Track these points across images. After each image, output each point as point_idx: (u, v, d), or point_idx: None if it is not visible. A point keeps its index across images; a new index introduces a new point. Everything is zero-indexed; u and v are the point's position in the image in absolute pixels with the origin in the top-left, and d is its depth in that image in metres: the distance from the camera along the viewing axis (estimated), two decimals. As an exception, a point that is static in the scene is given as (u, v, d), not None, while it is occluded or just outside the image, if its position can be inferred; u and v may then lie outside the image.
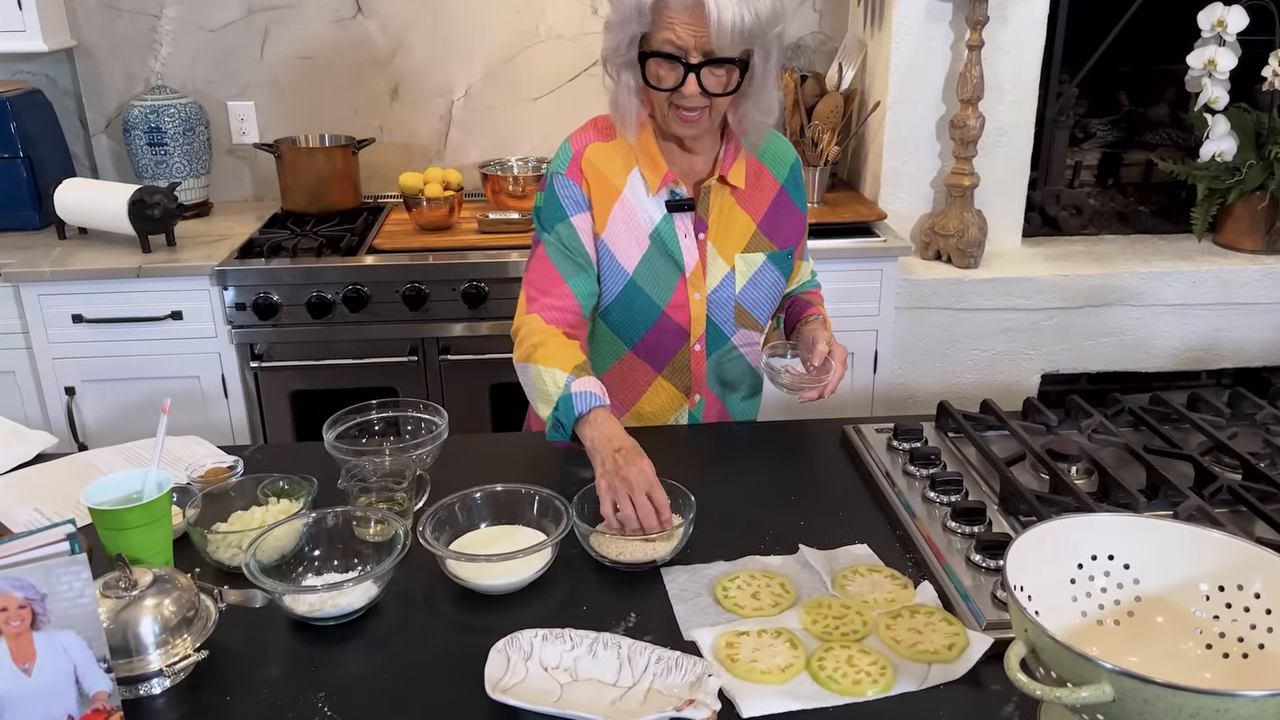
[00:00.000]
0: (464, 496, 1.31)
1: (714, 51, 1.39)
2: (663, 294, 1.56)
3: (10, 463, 1.52)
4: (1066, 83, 2.85)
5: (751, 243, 1.59)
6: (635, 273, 1.55)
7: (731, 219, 1.58)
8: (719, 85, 1.43)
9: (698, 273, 1.57)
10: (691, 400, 1.65)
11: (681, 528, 1.25)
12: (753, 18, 1.37)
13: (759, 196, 1.60)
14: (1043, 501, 1.28)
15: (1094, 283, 2.64)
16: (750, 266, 1.59)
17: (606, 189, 1.55)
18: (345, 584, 1.14)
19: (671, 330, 1.59)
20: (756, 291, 1.61)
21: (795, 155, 1.66)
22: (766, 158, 1.61)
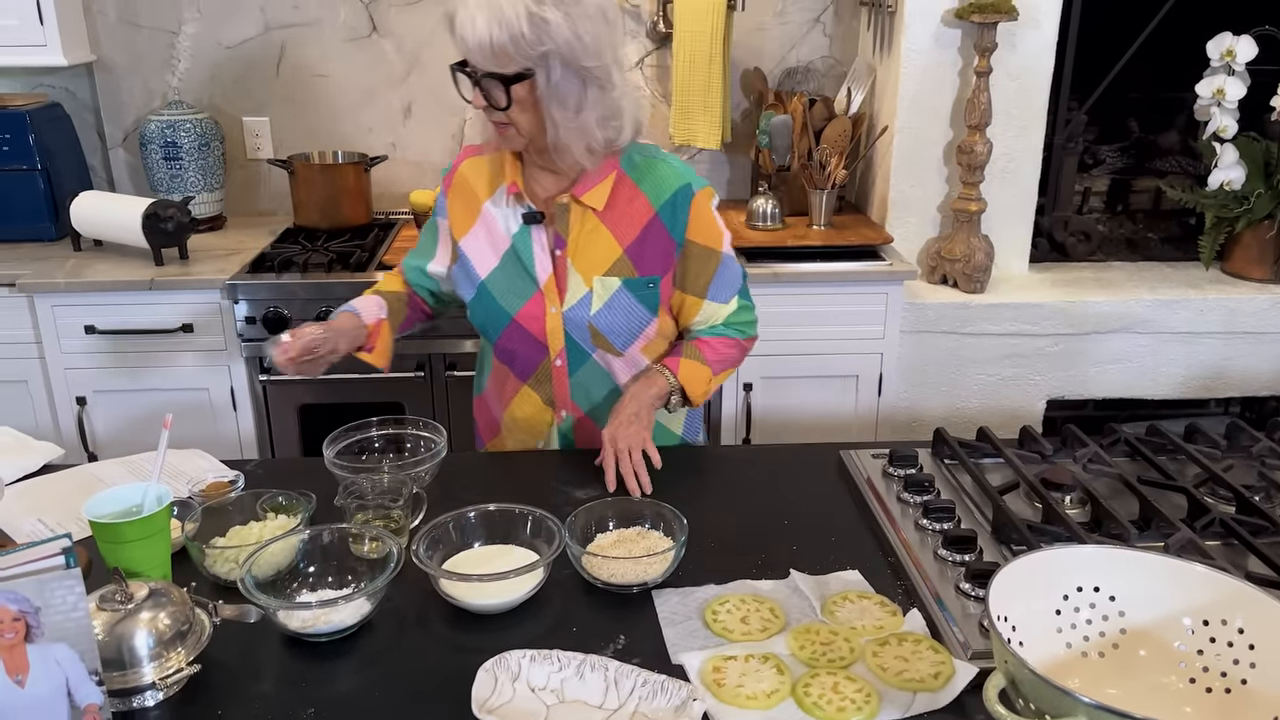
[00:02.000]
0: (458, 516, 1.32)
1: (479, 67, 1.42)
2: (514, 302, 1.60)
3: (16, 473, 1.54)
4: (1075, 109, 2.85)
5: (614, 267, 1.57)
6: (487, 278, 1.62)
7: (595, 240, 1.57)
8: (497, 100, 1.44)
9: (552, 287, 1.58)
10: (558, 415, 1.66)
11: (673, 550, 1.26)
12: (503, 36, 1.36)
13: (628, 221, 1.57)
14: (1034, 531, 1.28)
15: (1101, 309, 2.64)
16: (607, 290, 1.57)
17: (471, 200, 1.64)
18: (338, 601, 1.16)
19: (527, 340, 1.61)
20: (612, 316, 1.58)
21: (685, 183, 1.57)
22: (644, 182, 1.57)
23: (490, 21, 1.36)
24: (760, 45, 2.96)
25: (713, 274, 1.61)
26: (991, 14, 2.46)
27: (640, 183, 1.57)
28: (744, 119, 3.01)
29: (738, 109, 3.00)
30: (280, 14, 2.87)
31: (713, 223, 1.60)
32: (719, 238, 1.61)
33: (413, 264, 1.73)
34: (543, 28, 1.37)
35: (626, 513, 1.36)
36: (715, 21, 2.71)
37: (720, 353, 1.64)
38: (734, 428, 2.63)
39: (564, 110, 1.45)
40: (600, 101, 1.47)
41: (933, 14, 2.58)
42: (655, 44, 2.95)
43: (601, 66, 1.45)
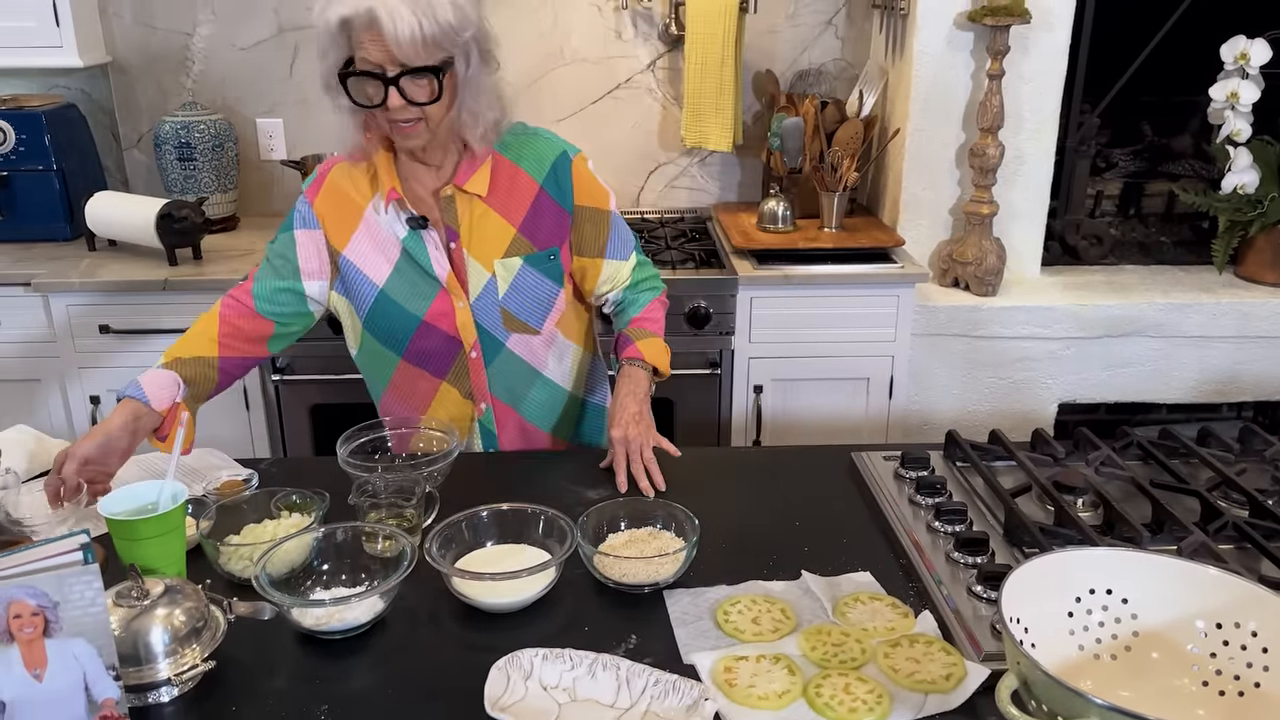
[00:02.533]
0: (471, 515, 1.33)
1: (406, 63, 1.40)
2: (419, 304, 1.59)
3: (33, 470, 1.55)
4: (1088, 112, 2.85)
5: (511, 247, 1.58)
6: (386, 285, 1.59)
7: (486, 225, 1.58)
8: (423, 94, 1.43)
9: (454, 282, 1.58)
10: (479, 409, 1.67)
11: (684, 551, 1.27)
12: (432, 25, 1.37)
13: (515, 200, 1.58)
14: (1046, 534, 1.28)
15: (1113, 313, 2.63)
16: (509, 272, 1.59)
17: (347, 208, 1.59)
18: (351, 599, 1.16)
19: (439, 337, 1.61)
20: (520, 296, 1.60)
21: (560, 152, 1.61)
22: (524, 160, 1.59)
23: (417, 14, 1.36)
24: (772, 48, 2.96)
25: (607, 234, 1.65)
26: (1004, 17, 2.46)
27: (519, 161, 1.59)
28: (755, 121, 3.01)
29: (749, 111, 3.00)
30: (294, 16, 2.88)
31: (595, 184, 1.64)
32: (605, 197, 1.65)
33: (271, 286, 1.58)
34: (462, 13, 1.41)
35: (638, 513, 1.36)
36: (727, 24, 2.72)
37: (655, 318, 1.69)
38: (744, 430, 2.63)
39: (475, 96, 1.48)
40: (494, 85, 1.52)
41: (945, 16, 2.58)
42: (667, 46, 2.96)
43: (494, 49, 1.50)
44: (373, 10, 1.37)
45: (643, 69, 2.98)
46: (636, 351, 1.63)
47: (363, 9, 1.38)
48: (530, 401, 1.70)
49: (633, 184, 3.08)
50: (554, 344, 1.68)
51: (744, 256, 2.62)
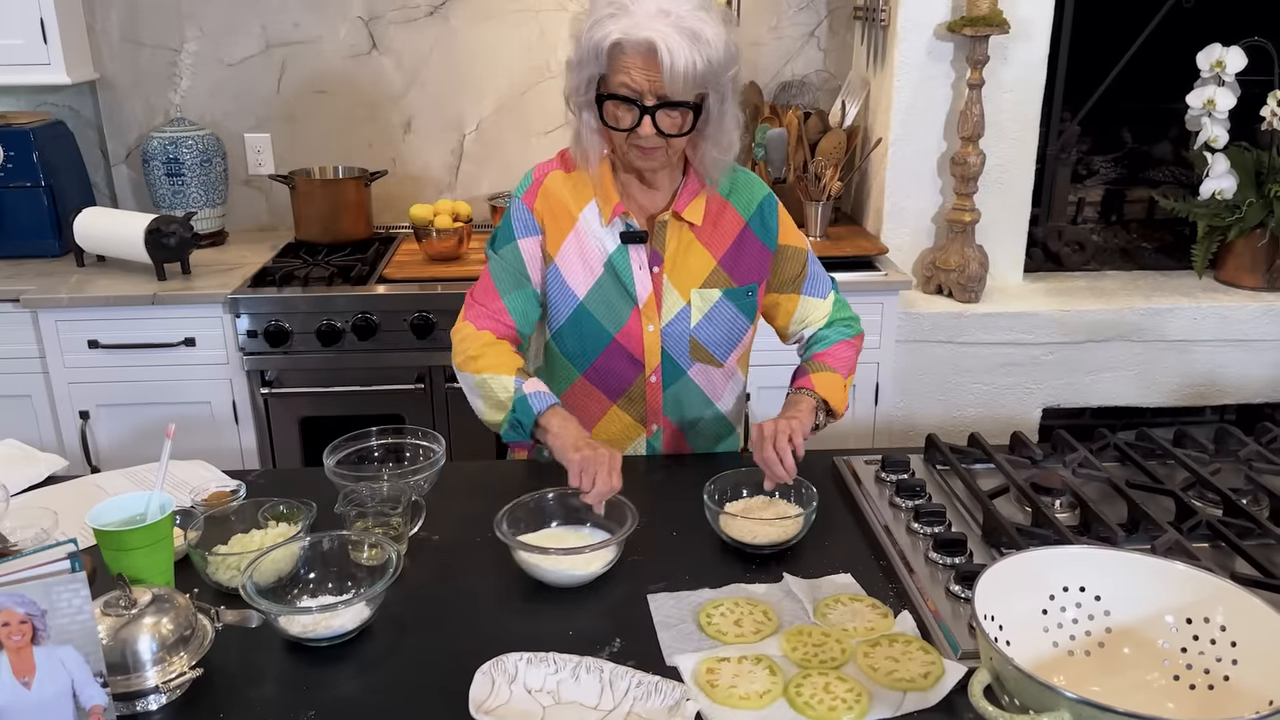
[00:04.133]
0: (538, 497, 1.39)
1: (668, 95, 1.41)
2: (614, 321, 1.60)
3: (21, 484, 1.56)
4: (1068, 120, 2.88)
5: (710, 279, 1.60)
6: (586, 299, 1.59)
7: (690, 254, 1.60)
8: (674, 127, 1.45)
9: (651, 304, 1.59)
10: (649, 429, 1.68)
11: (802, 516, 1.34)
12: (704, 63, 1.39)
13: (721, 234, 1.61)
14: (1023, 534, 1.30)
15: (1095, 318, 2.66)
16: (706, 302, 1.60)
17: (562, 216, 1.59)
18: (338, 606, 1.18)
19: (624, 358, 1.61)
20: (712, 328, 1.62)
21: (767, 192, 1.65)
22: (734, 195, 1.62)
23: (694, 52, 1.38)
24: (756, 59, 2.99)
25: (803, 272, 1.67)
26: (983, 27, 2.49)
27: (728, 195, 1.62)
28: (740, 132, 3.04)
29: (734, 122, 3.03)
30: (281, 32, 2.90)
31: (793, 224, 1.68)
32: (803, 238, 1.69)
33: (524, 302, 1.60)
34: (731, 53, 1.44)
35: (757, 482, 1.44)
36: (710, 36, 2.74)
37: (841, 356, 1.65)
38: (732, 438, 2.64)
39: (721, 129, 1.50)
40: (735, 122, 1.52)
41: (925, 27, 2.61)
42: (652, 59, 2.98)
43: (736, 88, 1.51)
44: (652, 42, 1.38)
45: (628, 81, 3.00)
46: (809, 382, 1.60)
47: (641, 38, 1.39)
48: (699, 432, 1.71)
49: (619, 195, 3.10)
50: (732, 378, 1.71)
51: (729, 266, 2.64)
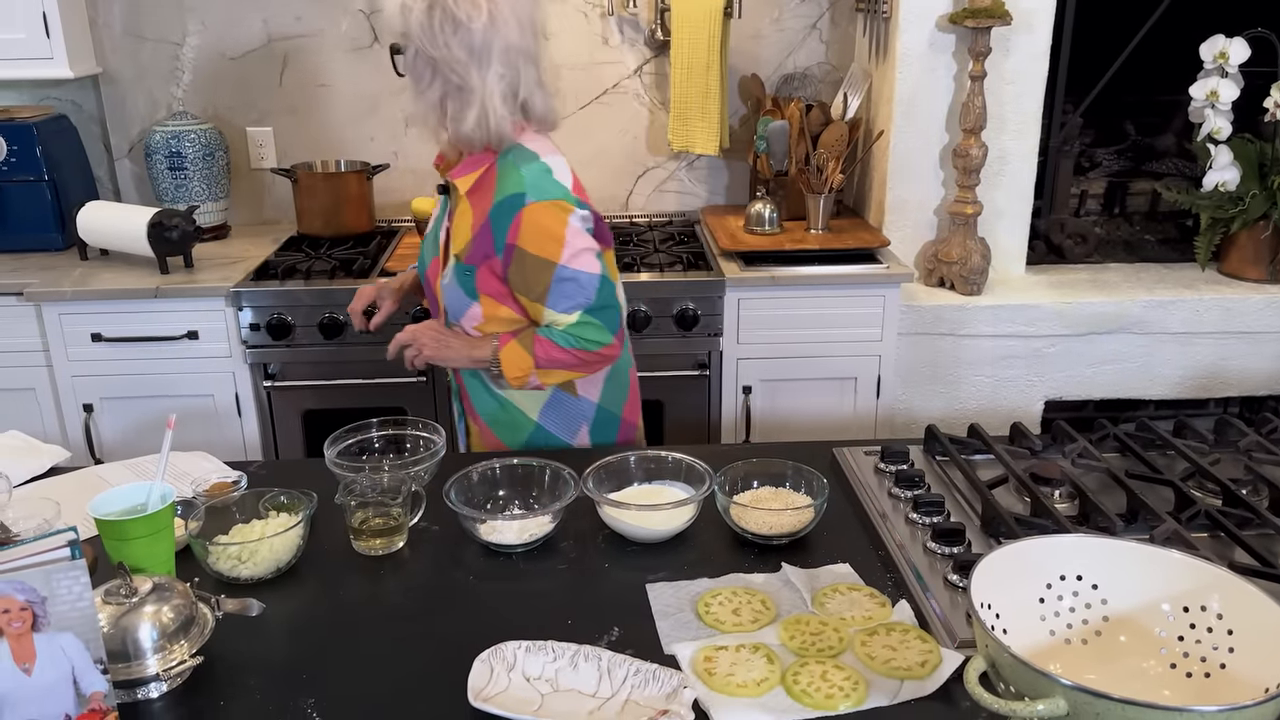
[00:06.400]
0: (621, 458, 1.47)
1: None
2: (426, 260, 1.81)
3: (24, 475, 1.57)
4: (1071, 112, 2.88)
5: (463, 248, 1.68)
6: (424, 239, 1.83)
7: (462, 220, 1.69)
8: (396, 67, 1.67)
9: (443, 253, 1.75)
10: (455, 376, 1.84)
11: (813, 506, 1.35)
12: (401, 20, 1.59)
13: (479, 210, 1.66)
14: (1021, 524, 1.30)
15: (1098, 310, 2.66)
16: (450, 268, 1.71)
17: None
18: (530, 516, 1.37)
19: (432, 302, 1.80)
20: (448, 293, 1.72)
21: (518, 194, 1.60)
22: (499, 183, 1.64)
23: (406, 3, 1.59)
24: (757, 52, 2.99)
25: (547, 285, 1.62)
26: (985, 19, 2.49)
27: (497, 181, 1.65)
28: (742, 125, 3.04)
29: (735, 115, 3.03)
30: (283, 25, 2.91)
31: (549, 235, 1.60)
32: (556, 251, 1.60)
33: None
34: (405, 14, 1.59)
35: (768, 472, 1.46)
36: (712, 29, 2.75)
37: (549, 352, 1.64)
38: (734, 430, 2.65)
39: (416, 89, 1.65)
40: (447, 94, 1.61)
41: (927, 19, 2.61)
42: (653, 52, 2.99)
43: (448, 63, 1.58)
44: None
45: (629, 74, 3.01)
46: (505, 340, 1.66)
47: None
48: (468, 385, 1.80)
49: (621, 188, 3.11)
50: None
51: (731, 258, 2.64)
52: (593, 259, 1.63)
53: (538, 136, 1.69)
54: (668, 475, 1.47)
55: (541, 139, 1.69)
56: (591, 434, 1.79)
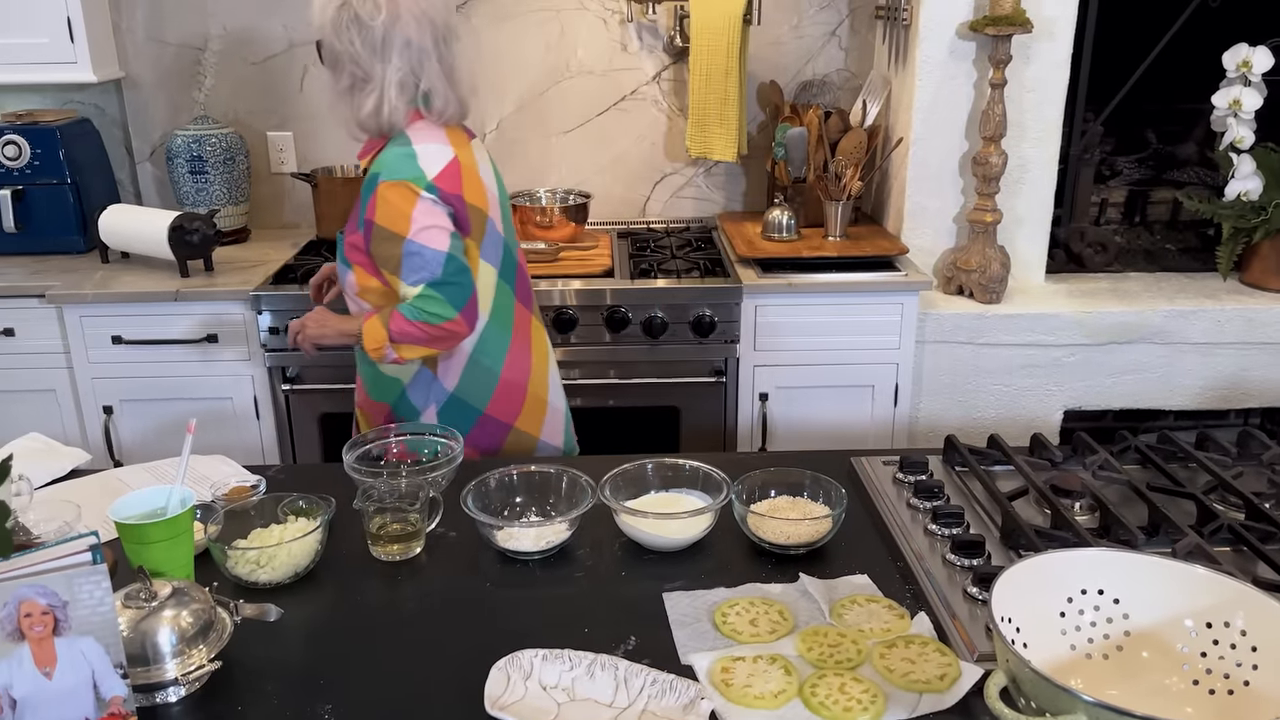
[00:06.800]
0: (638, 465, 1.47)
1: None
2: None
3: (45, 477, 1.58)
4: (1091, 120, 2.86)
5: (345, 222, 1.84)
6: None
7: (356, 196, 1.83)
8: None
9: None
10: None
11: (831, 516, 1.35)
12: (319, 17, 1.73)
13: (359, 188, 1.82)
14: (1042, 536, 1.29)
15: (1118, 319, 2.64)
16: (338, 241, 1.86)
17: None
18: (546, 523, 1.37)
19: None
20: (338, 264, 1.87)
21: (376, 173, 1.74)
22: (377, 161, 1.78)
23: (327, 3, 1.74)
24: (776, 59, 2.99)
25: (399, 258, 1.73)
26: (1006, 26, 2.48)
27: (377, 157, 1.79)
28: (760, 132, 3.04)
29: (754, 122, 3.03)
30: (304, 31, 2.92)
31: (397, 212, 1.71)
32: (404, 226, 1.70)
33: None
34: (321, 12, 1.73)
35: (786, 481, 1.45)
36: (731, 36, 2.75)
37: (400, 325, 1.72)
38: (750, 437, 2.64)
39: (331, 79, 1.79)
40: (353, 85, 1.76)
41: (947, 27, 2.60)
42: (672, 58, 2.99)
43: (353, 56, 1.73)
44: None
45: (648, 80, 3.01)
46: (368, 316, 1.76)
47: None
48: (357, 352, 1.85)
49: (639, 194, 3.11)
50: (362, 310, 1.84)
51: (748, 265, 2.64)
52: (441, 236, 1.71)
53: (430, 126, 1.78)
54: (685, 483, 1.46)
55: (433, 129, 1.78)
56: (440, 416, 1.86)
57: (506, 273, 1.86)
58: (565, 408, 2.01)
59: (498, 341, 1.85)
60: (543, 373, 1.93)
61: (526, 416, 1.90)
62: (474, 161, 1.81)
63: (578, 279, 2.56)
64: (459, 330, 1.74)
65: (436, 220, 1.71)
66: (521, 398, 1.89)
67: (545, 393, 1.93)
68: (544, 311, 2.50)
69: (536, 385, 1.91)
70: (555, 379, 1.98)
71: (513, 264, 1.89)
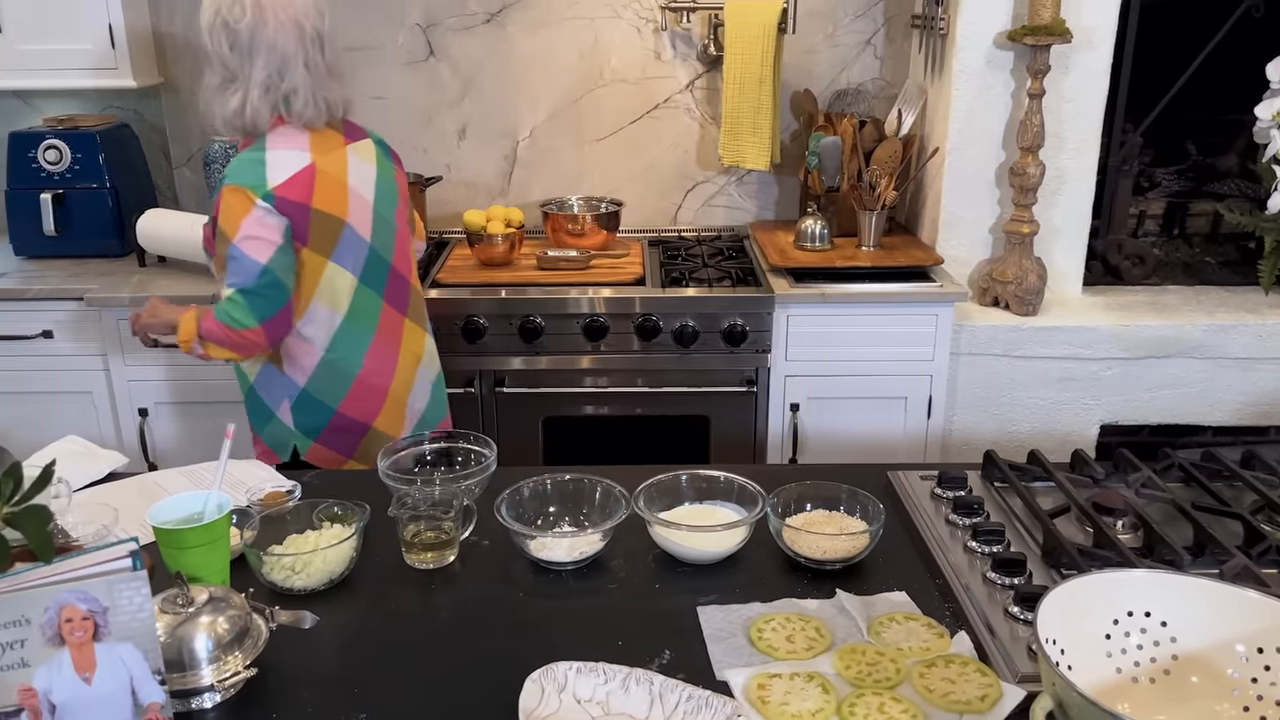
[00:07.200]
0: (673, 476, 1.45)
1: None
2: None
3: (83, 480, 1.59)
4: (1131, 131, 2.83)
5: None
6: None
7: None
8: None
9: None
10: None
11: (869, 533, 1.33)
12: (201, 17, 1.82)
13: None
14: (1084, 555, 1.27)
15: (1156, 333, 2.60)
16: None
17: None
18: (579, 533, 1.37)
19: None
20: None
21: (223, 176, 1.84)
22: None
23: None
24: (810, 67, 2.98)
25: (225, 258, 1.80)
26: (1045, 36, 2.45)
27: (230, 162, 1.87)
28: (793, 140, 3.02)
29: (787, 130, 3.01)
30: (341, 38, 2.93)
31: (230, 214, 1.79)
32: (233, 230, 1.78)
33: None
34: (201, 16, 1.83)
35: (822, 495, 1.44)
36: (766, 44, 2.74)
37: (208, 324, 1.82)
38: (780, 448, 2.62)
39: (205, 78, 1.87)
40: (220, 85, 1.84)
41: (985, 36, 2.58)
42: (705, 67, 2.98)
43: (222, 57, 1.82)
44: None
45: (681, 89, 3.01)
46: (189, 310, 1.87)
47: None
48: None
49: (670, 202, 3.11)
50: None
51: (781, 274, 2.62)
52: (263, 249, 1.78)
53: (294, 132, 1.84)
54: (719, 495, 1.45)
55: (295, 134, 1.84)
56: (293, 411, 1.93)
57: (370, 278, 1.91)
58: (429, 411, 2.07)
59: (354, 342, 1.91)
60: (408, 376, 2.00)
61: (386, 418, 1.97)
62: (340, 168, 1.86)
63: (609, 286, 2.56)
64: (258, 341, 1.81)
65: (264, 232, 1.77)
66: (381, 399, 1.95)
67: (406, 395, 2.00)
68: (574, 319, 2.50)
69: (401, 389, 1.98)
70: (424, 384, 2.05)
71: (382, 268, 1.94)
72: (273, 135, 1.83)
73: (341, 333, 1.89)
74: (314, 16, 1.84)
